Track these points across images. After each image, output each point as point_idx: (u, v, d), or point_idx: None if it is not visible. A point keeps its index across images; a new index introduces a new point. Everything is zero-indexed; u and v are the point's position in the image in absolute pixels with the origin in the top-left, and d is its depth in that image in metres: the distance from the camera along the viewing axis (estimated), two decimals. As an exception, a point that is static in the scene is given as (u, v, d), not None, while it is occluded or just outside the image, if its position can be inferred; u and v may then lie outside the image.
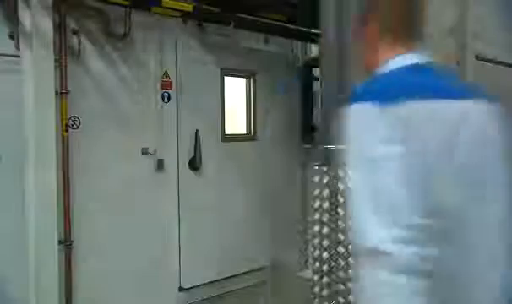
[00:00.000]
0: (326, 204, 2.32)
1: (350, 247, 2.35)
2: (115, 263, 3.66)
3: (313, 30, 4.24)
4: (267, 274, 4.80)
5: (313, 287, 2.36)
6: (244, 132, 4.70)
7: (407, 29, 1.26)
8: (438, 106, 1.12)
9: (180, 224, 4.07)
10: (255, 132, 4.72)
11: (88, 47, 3.53)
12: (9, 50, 3.15)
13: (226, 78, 4.50)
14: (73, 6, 3.39)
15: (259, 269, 4.70)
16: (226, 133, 4.42)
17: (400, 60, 1.23)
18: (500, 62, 3.17)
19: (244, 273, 4.33)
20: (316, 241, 2.35)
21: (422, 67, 1.23)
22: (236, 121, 4.66)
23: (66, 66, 3.37)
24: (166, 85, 3.98)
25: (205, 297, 3.97)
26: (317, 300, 2.35)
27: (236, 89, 4.66)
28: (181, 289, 3.99)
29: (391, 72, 1.22)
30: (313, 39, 4.20)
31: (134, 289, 3.79)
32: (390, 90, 1.13)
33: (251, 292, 4.47)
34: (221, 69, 4.36)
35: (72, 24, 3.41)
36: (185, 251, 4.00)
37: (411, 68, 1.21)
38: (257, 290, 4.57)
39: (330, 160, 2.40)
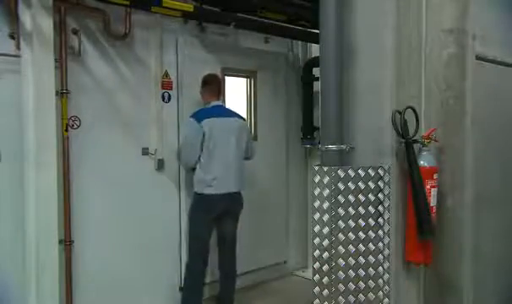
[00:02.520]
0: (326, 204, 2.32)
1: (350, 246, 2.36)
2: (115, 263, 3.67)
3: (312, 30, 4.25)
4: (267, 273, 4.81)
5: (313, 287, 2.36)
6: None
7: (215, 94, 3.86)
8: (217, 119, 3.70)
9: (180, 224, 4.09)
10: (255, 131, 4.73)
11: (88, 47, 3.54)
12: (10, 50, 3.14)
13: (227, 78, 4.50)
14: (74, 6, 3.40)
15: (259, 269, 4.72)
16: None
17: (212, 103, 3.84)
18: (500, 62, 3.17)
19: (244, 272, 4.33)
20: (316, 240, 2.35)
21: (218, 106, 3.84)
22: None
23: (66, 66, 3.38)
24: (166, 85, 3.98)
25: (205, 297, 3.97)
26: (317, 300, 2.35)
27: (236, 89, 4.67)
28: (181, 289, 3.99)
29: (208, 107, 3.83)
30: (313, 39, 4.20)
31: (134, 289, 3.80)
32: (201, 114, 3.71)
33: (250, 292, 4.47)
34: (222, 69, 4.37)
35: (72, 23, 3.42)
36: (185, 251, 4.00)
37: (214, 106, 3.83)
38: (257, 289, 4.57)
39: (331, 160, 2.40)
